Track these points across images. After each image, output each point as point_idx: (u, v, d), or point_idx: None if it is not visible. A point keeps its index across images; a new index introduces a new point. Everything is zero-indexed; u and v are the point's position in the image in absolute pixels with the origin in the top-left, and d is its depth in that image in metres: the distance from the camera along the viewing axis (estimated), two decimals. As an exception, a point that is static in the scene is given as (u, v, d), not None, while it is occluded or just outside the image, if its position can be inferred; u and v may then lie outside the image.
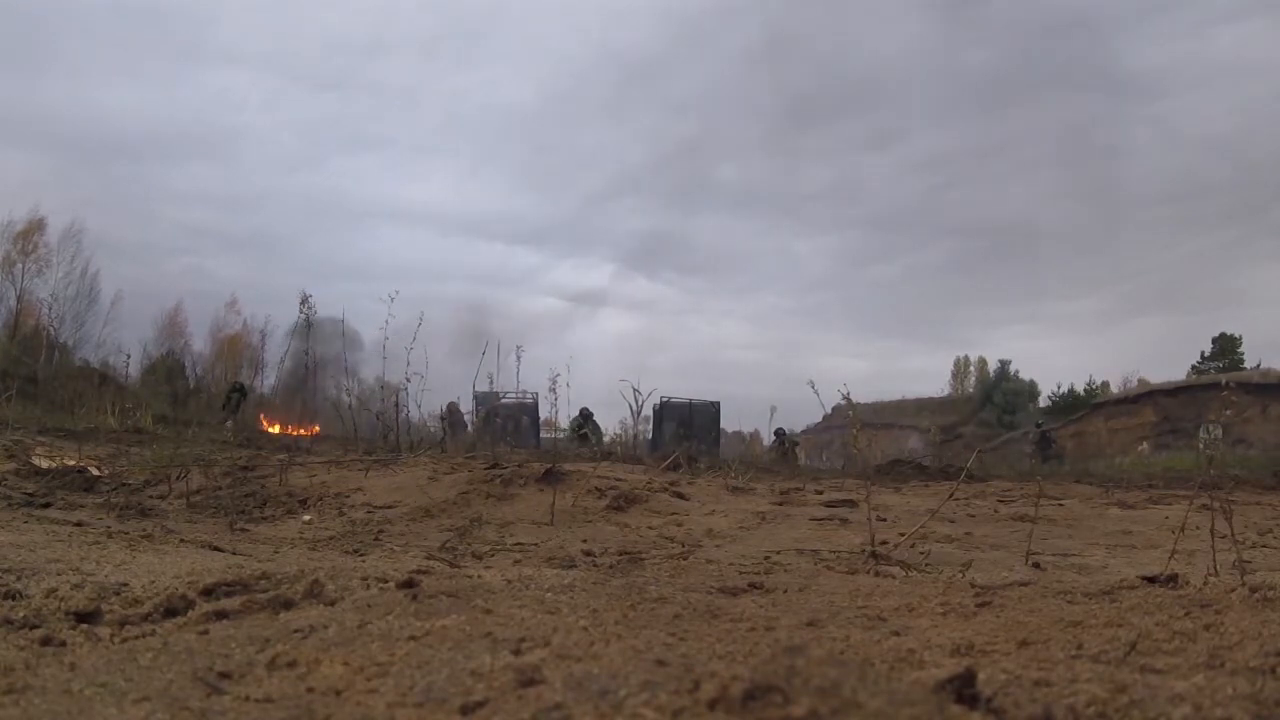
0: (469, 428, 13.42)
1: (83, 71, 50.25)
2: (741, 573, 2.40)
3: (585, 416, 14.89)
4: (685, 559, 2.87)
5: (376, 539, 3.28)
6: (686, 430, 14.95)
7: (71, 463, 4.89)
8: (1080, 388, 43.04)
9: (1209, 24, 59.29)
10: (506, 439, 10.78)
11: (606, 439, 14.53)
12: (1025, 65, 66.43)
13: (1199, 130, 56.76)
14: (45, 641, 1.24)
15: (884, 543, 3.03)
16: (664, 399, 17.22)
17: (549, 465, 4.79)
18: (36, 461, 4.93)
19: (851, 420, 3.53)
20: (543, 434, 15.84)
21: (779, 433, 17.11)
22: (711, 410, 18.08)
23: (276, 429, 12.35)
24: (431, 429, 9.80)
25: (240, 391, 17.82)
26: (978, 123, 66.73)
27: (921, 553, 3.05)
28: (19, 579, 1.70)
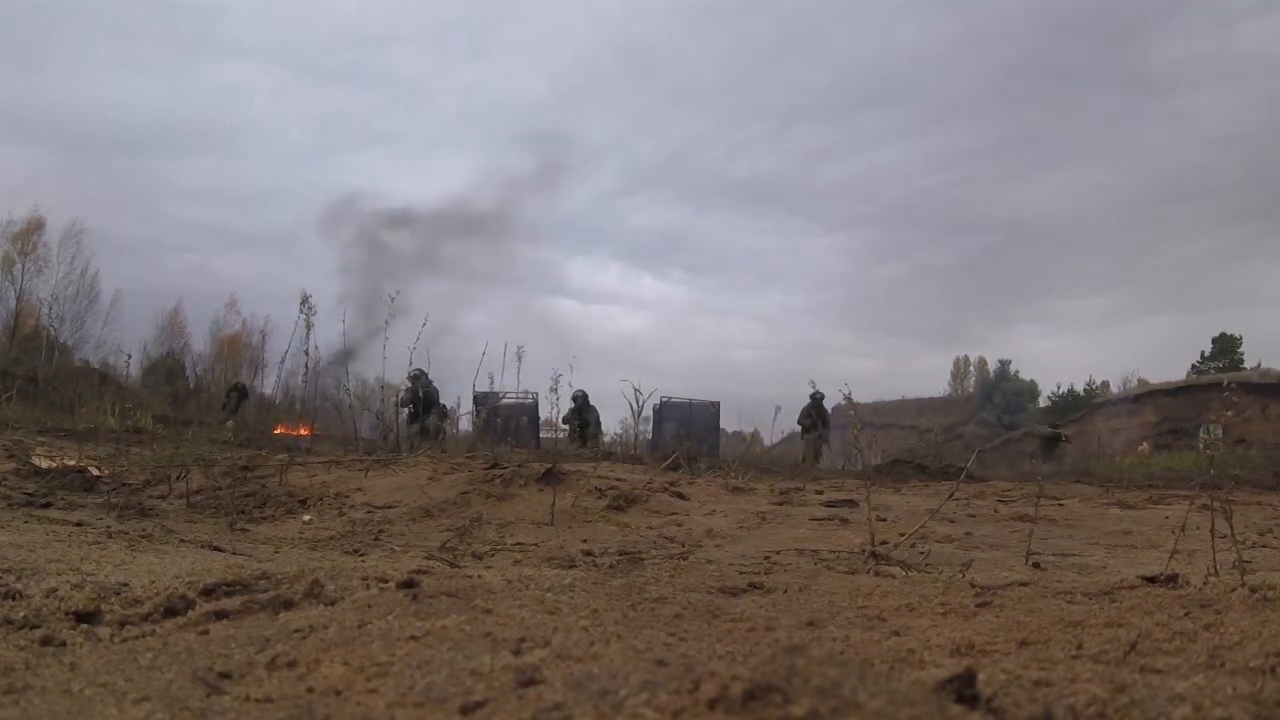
0: (439, 402, 13.04)
1: (85, 64, 50.23)
2: (741, 573, 2.40)
3: (579, 402, 14.55)
4: (685, 559, 2.87)
5: (376, 539, 3.28)
6: (686, 430, 14.94)
7: (71, 463, 4.89)
8: (1080, 388, 43.09)
9: (1229, 20, 59.26)
10: (506, 439, 10.77)
11: (606, 439, 14.46)
12: (1041, 61, 66.50)
13: (1215, 127, 56.79)
14: (45, 641, 1.24)
15: (884, 543, 3.03)
16: (664, 399, 17.22)
17: (549, 465, 4.79)
18: (36, 461, 4.93)
19: (852, 420, 3.53)
20: (542, 434, 15.84)
21: (815, 397, 15.04)
22: (711, 410, 18.08)
23: (279, 430, 12.31)
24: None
25: (240, 391, 17.81)
26: (992, 120, 66.85)
27: (921, 553, 3.05)
28: (19, 579, 1.70)
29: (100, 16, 55.15)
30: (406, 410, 11.93)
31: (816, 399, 15.07)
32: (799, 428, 16.02)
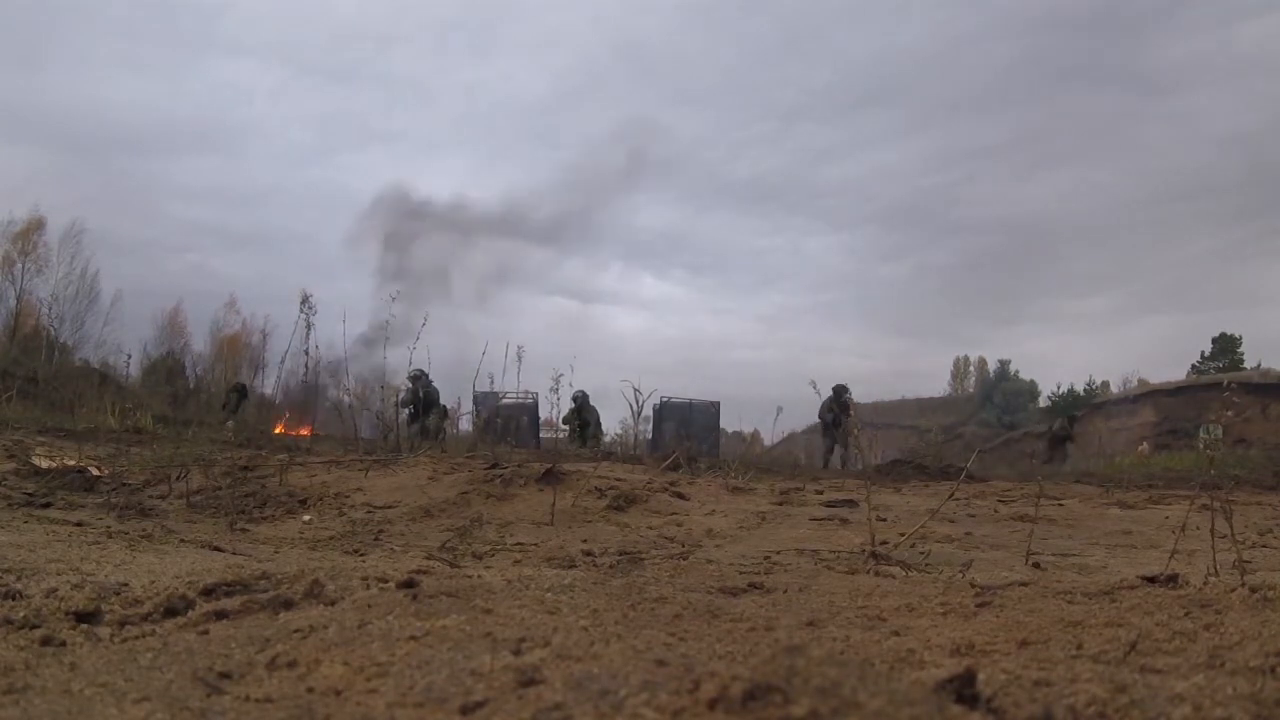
0: (438, 407, 12.93)
1: (85, 64, 50.20)
2: (741, 573, 2.40)
3: (579, 402, 14.49)
4: (685, 559, 2.87)
5: (376, 539, 3.28)
6: (686, 430, 14.93)
7: (71, 463, 4.89)
8: (1080, 388, 43.08)
9: (1230, 20, 59.21)
10: (506, 439, 10.77)
11: (607, 439, 14.46)
12: (1042, 61, 66.48)
13: (1215, 127, 56.78)
14: (45, 641, 1.24)
15: (884, 543, 3.03)
16: (664, 399, 17.21)
17: (549, 465, 4.79)
18: (36, 461, 4.93)
19: (852, 420, 3.52)
20: (542, 434, 15.84)
21: (838, 390, 14.33)
22: (711, 410, 18.06)
23: (279, 429, 12.29)
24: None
25: (240, 391, 17.79)
26: (992, 119, 66.90)
27: (921, 553, 3.05)
28: (19, 579, 1.70)
29: (100, 16, 55.17)
30: (407, 411, 11.90)
31: (839, 392, 14.48)
32: (820, 423, 15.06)
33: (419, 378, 11.83)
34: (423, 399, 12.33)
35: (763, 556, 3.01)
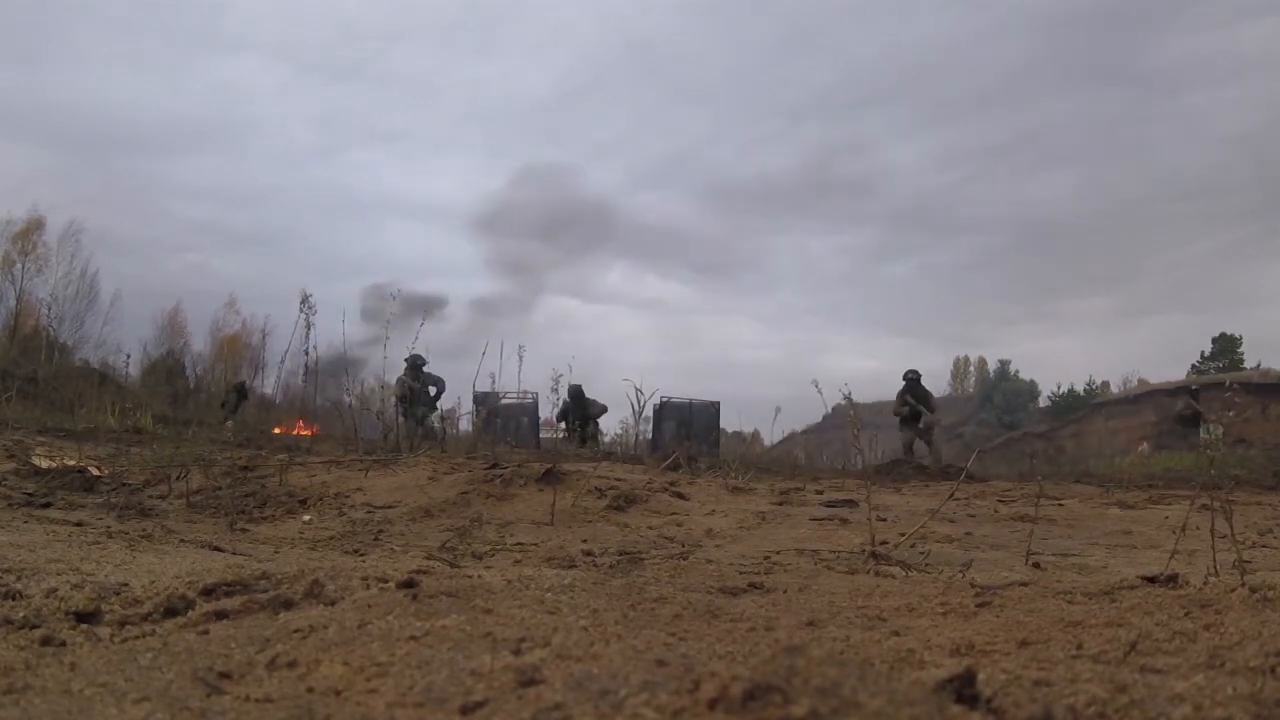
0: (438, 397, 12.69)
1: (86, 62, 50.15)
2: (741, 573, 2.40)
3: (574, 399, 14.11)
4: (685, 559, 2.87)
5: (376, 539, 3.28)
6: (686, 430, 14.91)
7: (71, 463, 4.89)
8: (1080, 388, 43.05)
9: (1237, 18, 59.24)
10: (506, 439, 10.75)
11: (606, 439, 14.41)
12: (1048, 60, 66.52)
13: (1222, 127, 56.82)
14: (45, 641, 1.24)
15: (884, 543, 3.03)
16: (664, 399, 17.19)
17: (549, 465, 4.79)
18: (36, 461, 4.93)
19: (851, 420, 3.53)
20: (542, 434, 15.82)
21: (910, 378, 12.99)
22: (711, 410, 18.04)
23: (279, 430, 12.26)
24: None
25: (240, 391, 17.77)
26: (996, 119, 66.93)
27: (921, 553, 3.05)
28: (19, 579, 1.70)
29: (102, 13, 55.17)
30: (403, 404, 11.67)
31: (912, 380, 13.05)
32: (895, 417, 13.44)
33: (411, 364, 11.52)
34: (408, 391, 11.98)
35: (763, 556, 3.01)
